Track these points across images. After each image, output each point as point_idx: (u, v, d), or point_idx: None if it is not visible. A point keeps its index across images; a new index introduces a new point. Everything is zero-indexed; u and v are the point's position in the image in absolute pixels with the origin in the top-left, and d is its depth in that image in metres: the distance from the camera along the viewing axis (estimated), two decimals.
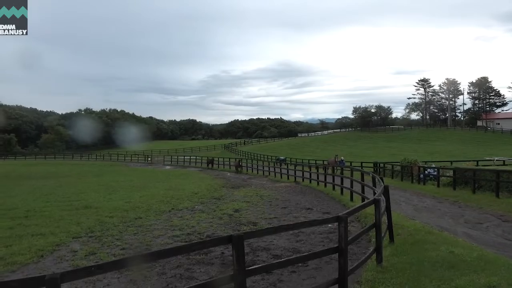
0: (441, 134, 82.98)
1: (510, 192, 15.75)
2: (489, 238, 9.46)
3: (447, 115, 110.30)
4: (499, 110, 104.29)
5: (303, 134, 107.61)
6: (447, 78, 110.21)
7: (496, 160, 36.31)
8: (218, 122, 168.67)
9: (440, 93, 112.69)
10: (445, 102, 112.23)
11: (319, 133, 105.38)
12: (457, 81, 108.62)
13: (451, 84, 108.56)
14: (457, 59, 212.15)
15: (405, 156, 31.26)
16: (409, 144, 70.47)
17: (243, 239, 4.30)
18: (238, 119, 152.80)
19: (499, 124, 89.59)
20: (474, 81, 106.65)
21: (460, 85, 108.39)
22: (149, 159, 61.61)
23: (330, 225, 10.17)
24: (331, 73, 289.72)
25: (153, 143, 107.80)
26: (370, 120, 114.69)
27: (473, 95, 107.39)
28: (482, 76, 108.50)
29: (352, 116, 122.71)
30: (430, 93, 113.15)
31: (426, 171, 23.52)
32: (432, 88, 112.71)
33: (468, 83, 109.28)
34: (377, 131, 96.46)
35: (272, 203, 16.27)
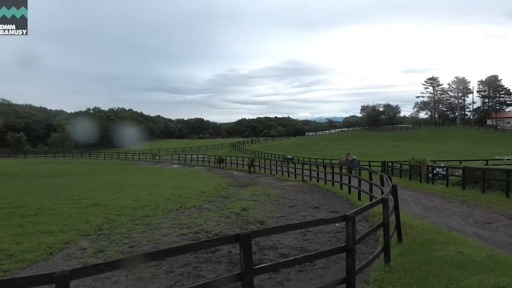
0: (450, 133, 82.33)
1: None
2: (498, 238, 9.36)
3: (456, 114, 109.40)
4: (509, 108, 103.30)
5: (310, 133, 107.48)
6: (456, 77, 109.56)
7: (507, 159, 35.88)
8: (226, 121, 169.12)
9: (449, 92, 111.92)
10: (454, 101, 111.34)
11: (327, 132, 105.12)
12: (467, 79, 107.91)
13: (461, 83, 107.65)
14: (467, 57, 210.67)
15: (413, 155, 31.02)
16: (417, 143, 70.00)
17: (250, 237, 4.30)
18: (246, 118, 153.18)
19: (509, 123, 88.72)
20: (483, 79, 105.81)
21: (470, 84, 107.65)
22: (157, 157, 61.90)
23: (337, 224, 10.14)
24: (339, 71, 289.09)
25: (161, 141, 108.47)
26: (378, 119, 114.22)
27: (483, 93, 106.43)
28: (492, 74, 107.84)
29: (360, 115, 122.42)
30: (439, 92, 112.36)
31: (434, 170, 23.33)
32: (441, 87, 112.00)
33: (478, 81, 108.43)
34: (385, 130, 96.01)
35: (280, 202, 16.26)
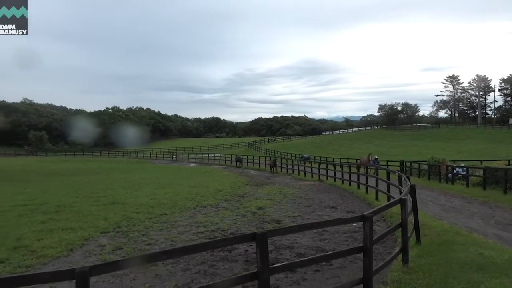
0: (471, 133, 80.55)
1: None
2: None
3: (477, 112, 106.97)
4: None
5: (327, 132, 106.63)
6: (477, 75, 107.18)
7: None
8: (242, 120, 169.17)
9: (470, 90, 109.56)
10: (475, 100, 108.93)
11: (344, 131, 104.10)
12: (488, 77, 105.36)
13: (482, 81, 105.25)
14: (488, 55, 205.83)
15: (432, 154, 30.50)
16: (436, 143, 68.74)
17: (267, 237, 4.30)
18: (262, 117, 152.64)
19: None
20: (506, 77, 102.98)
21: (491, 82, 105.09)
22: (174, 156, 62.49)
23: (354, 224, 10.06)
24: (356, 70, 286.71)
25: (178, 140, 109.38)
26: (396, 118, 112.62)
27: (505, 92, 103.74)
28: None
29: (378, 114, 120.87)
30: (459, 90, 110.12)
31: (454, 170, 22.90)
32: (461, 85, 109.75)
33: (500, 79, 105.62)
34: (403, 129, 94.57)
35: (296, 201, 16.21)
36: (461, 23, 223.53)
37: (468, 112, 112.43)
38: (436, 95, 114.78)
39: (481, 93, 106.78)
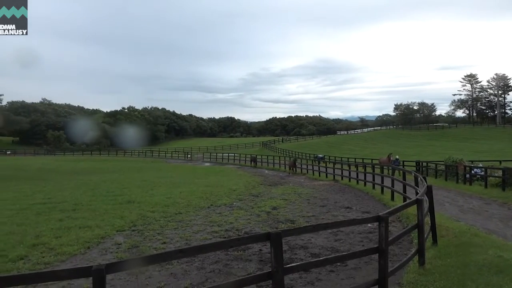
0: (489, 132, 79.03)
1: None
2: None
3: (496, 112, 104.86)
4: None
5: (342, 132, 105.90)
6: (496, 73, 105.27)
7: None
8: (256, 120, 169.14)
9: (489, 89, 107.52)
10: (493, 99, 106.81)
11: (359, 131, 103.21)
12: (507, 76, 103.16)
13: (501, 80, 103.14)
14: (507, 53, 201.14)
15: (449, 155, 30.00)
16: (453, 143, 67.63)
17: (281, 236, 4.30)
18: (276, 117, 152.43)
19: None
20: None
21: (511, 81, 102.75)
22: (189, 156, 62.93)
23: (369, 225, 9.97)
24: (372, 69, 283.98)
25: (192, 140, 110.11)
26: (412, 118, 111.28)
27: None
28: None
29: (393, 114, 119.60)
30: (478, 89, 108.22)
31: (472, 171, 22.47)
32: (479, 84, 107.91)
33: None
34: (419, 129, 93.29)
35: (310, 201, 16.15)
36: (479, 20, 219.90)
37: (487, 111, 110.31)
38: (454, 94, 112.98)
39: (500, 92, 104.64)
